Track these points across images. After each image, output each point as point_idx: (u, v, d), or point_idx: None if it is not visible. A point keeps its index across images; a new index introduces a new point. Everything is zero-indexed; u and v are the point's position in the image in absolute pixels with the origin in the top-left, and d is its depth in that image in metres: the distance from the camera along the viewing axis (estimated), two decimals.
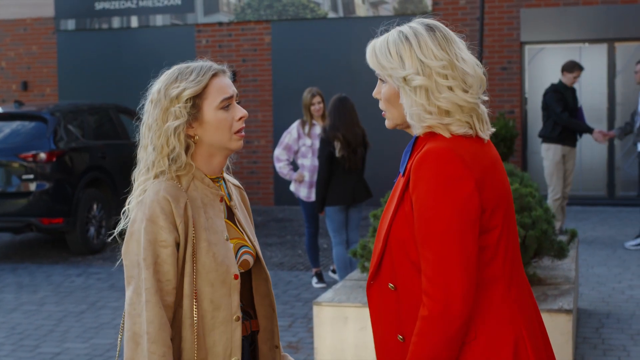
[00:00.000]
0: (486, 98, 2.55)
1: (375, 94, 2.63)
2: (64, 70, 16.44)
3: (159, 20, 15.97)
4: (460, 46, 2.55)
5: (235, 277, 2.72)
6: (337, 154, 8.34)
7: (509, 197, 2.55)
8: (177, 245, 2.64)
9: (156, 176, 2.72)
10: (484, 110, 2.54)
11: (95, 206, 11.51)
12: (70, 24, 16.46)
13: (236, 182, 3.01)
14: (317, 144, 8.84)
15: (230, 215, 2.86)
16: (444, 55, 2.47)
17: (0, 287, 9.56)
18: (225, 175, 2.92)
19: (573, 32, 14.53)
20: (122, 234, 2.78)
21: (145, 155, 2.76)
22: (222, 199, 2.82)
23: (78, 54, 16.38)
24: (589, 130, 11.00)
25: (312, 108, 9.08)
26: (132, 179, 2.82)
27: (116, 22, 16.14)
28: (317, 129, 9.01)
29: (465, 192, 2.37)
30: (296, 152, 9.17)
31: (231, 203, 2.88)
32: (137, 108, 2.86)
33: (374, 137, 9.66)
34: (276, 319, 2.94)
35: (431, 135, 2.49)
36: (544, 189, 10.96)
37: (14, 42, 16.89)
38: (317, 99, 9.10)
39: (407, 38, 2.51)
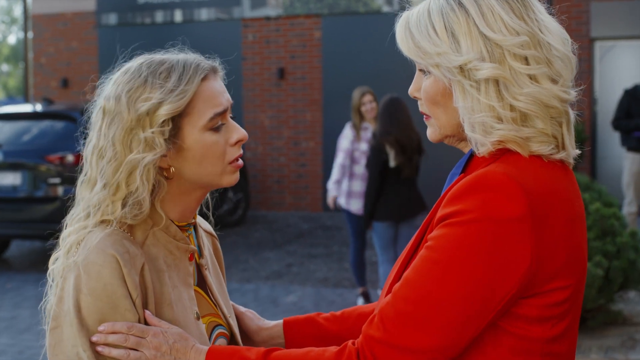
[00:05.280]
0: (575, 93, 1.68)
1: (412, 91, 1.76)
2: (105, 67, 15.79)
3: (204, 14, 15.40)
4: (541, 9, 1.67)
5: None
6: (392, 162, 7.36)
7: (583, 272, 1.69)
8: None
9: (97, 225, 1.81)
10: (572, 115, 1.67)
11: None
12: (112, 19, 15.95)
13: (209, 227, 2.11)
14: None
15: (201, 278, 1.97)
16: (521, 26, 1.61)
17: (18, 302, 8.84)
18: (197, 218, 2.03)
19: None
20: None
21: (89, 194, 1.82)
22: (192, 257, 1.92)
23: (120, 49, 15.74)
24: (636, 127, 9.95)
25: (363, 109, 8.18)
26: (63, 224, 1.89)
27: (159, 17, 15.59)
28: (370, 133, 8.04)
29: (513, 260, 1.55)
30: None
31: (201, 261, 1.97)
32: (80, 119, 1.94)
33: (428, 141, 8.74)
34: None
35: (501, 154, 1.62)
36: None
37: (54, 38, 16.43)
38: (368, 97, 8.22)
39: (461, 4, 1.64)
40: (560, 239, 1.58)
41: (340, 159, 8.25)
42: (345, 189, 8.29)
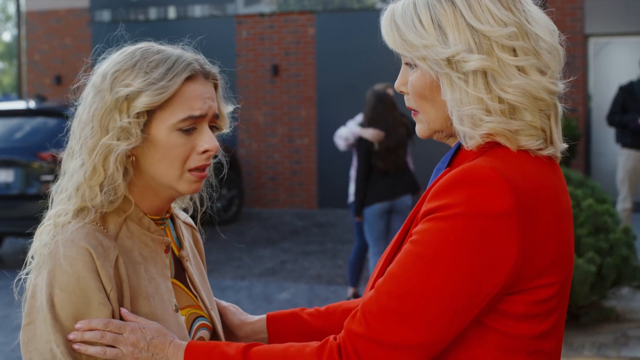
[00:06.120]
0: (563, 85, 1.65)
1: (398, 85, 1.73)
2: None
3: (198, 10, 15.33)
4: (527, 0, 1.65)
5: None
6: (376, 146, 7.57)
7: (570, 269, 1.67)
8: None
9: (75, 213, 1.79)
10: (560, 108, 1.65)
11: None
12: (106, 15, 15.87)
13: (188, 218, 2.09)
14: None
15: (179, 270, 1.94)
16: (509, 17, 1.58)
17: (11, 300, 8.73)
18: (174, 209, 2.01)
19: None
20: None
21: (70, 170, 1.83)
22: (167, 249, 1.90)
23: (114, 46, 15.69)
24: (629, 122, 9.89)
25: None
26: (50, 194, 1.88)
27: (153, 13, 15.52)
28: None
29: (499, 256, 1.52)
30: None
31: (181, 252, 1.96)
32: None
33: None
34: None
35: (488, 148, 1.59)
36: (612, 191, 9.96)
37: (48, 35, 16.34)
38: (391, 91, 8.22)
39: None
40: (548, 235, 1.56)
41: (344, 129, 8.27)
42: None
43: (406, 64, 1.70)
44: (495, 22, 1.57)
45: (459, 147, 1.67)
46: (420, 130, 1.72)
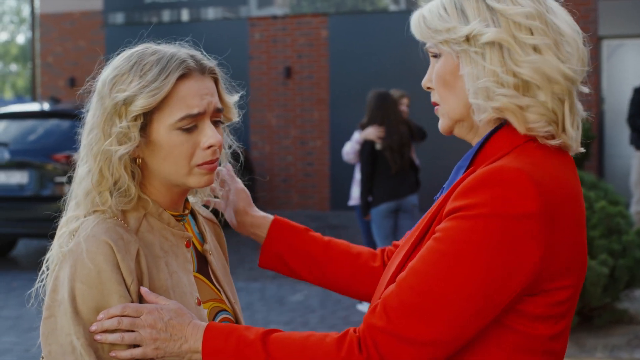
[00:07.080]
0: (587, 90, 1.69)
1: (425, 82, 1.77)
2: None
3: (211, 13, 15.37)
4: (552, 2, 1.73)
5: None
6: (378, 146, 7.63)
7: (584, 271, 1.69)
8: None
9: (89, 214, 1.82)
10: (580, 107, 1.67)
11: None
12: (119, 18, 15.94)
13: (209, 214, 2.12)
14: None
15: (202, 264, 1.97)
16: (527, 2, 1.64)
17: (24, 300, 8.78)
18: (194, 205, 2.03)
19: None
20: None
21: (79, 176, 1.85)
22: (189, 243, 1.92)
23: (127, 49, 15.75)
24: None
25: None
26: (65, 202, 1.90)
27: (166, 16, 15.58)
28: None
29: (522, 257, 1.54)
30: None
31: (204, 247, 1.98)
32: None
33: (432, 130, 8.73)
34: None
35: (513, 148, 1.62)
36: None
37: (61, 37, 16.42)
38: (406, 100, 8.29)
39: None
40: (568, 237, 1.58)
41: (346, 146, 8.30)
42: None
43: (433, 56, 1.74)
44: (513, 2, 1.64)
45: (481, 146, 1.68)
46: (441, 124, 1.75)
